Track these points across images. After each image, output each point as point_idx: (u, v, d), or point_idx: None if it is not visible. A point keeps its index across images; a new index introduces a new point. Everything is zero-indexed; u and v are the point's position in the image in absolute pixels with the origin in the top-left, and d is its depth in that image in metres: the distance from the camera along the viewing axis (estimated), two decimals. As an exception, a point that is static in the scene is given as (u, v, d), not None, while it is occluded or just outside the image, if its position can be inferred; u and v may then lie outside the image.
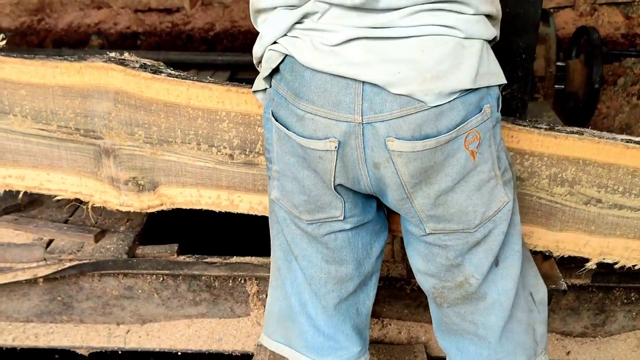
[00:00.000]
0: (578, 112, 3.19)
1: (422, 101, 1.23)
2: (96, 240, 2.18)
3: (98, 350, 2.23)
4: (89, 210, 2.08)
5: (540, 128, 1.79)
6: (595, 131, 1.81)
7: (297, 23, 1.31)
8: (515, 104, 1.95)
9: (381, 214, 1.57)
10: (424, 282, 1.54)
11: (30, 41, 4.33)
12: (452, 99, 1.25)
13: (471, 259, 1.44)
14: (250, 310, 2.23)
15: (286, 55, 1.33)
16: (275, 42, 1.35)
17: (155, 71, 1.86)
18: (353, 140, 1.29)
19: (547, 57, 3.05)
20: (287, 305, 1.62)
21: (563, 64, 3.18)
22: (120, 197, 2.02)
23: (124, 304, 2.22)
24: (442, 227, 1.40)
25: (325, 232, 1.48)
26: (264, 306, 2.18)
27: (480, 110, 1.29)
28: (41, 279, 2.15)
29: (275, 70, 1.38)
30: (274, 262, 1.63)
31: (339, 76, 1.25)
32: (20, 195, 2.12)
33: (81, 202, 2.12)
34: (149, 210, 2.04)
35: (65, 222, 2.26)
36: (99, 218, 2.28)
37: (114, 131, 1.94)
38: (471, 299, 1.49)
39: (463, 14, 1.25)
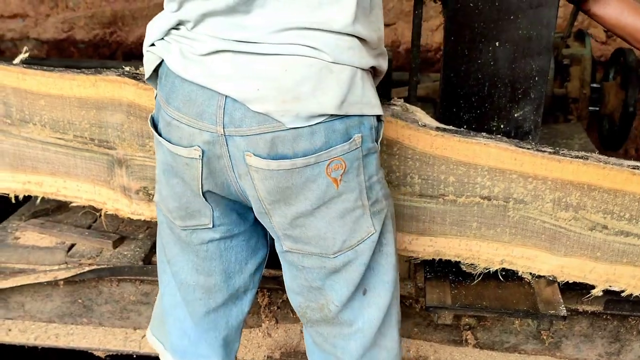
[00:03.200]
0: (613, 135, 3.12)
1: (279, 121, 1.21)
2: (114, 247, 2.25)
3: (114, 353, 2.29)
4: (103, 217, 2.16)
5: (544, 151, 1.76)
6: (601, 156, 1.77)
7: (173, 28, 1.30)
8: (527, 126, 1.93)
9: (259, 230, 1.56)
10: (292, 298, 1.53)
11: (102, 53, 4.43)
12: (313, 123, 1.22)
13: (332, 286, 1.41)
14: (262, 322, 2.24)
15: (163, 59, 1.33)
16: (153, 45, 1.35)
17: (167, 85, 1.91)
18: (218, 150, 1.28)
19: (582, 78, 2.99)
20: (162, 303, 1.66)
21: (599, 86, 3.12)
22: (131, 205, 2.08)
23: (141, 310, 2.27)
24: (298, 247, 1.38)
25: (198, 242, 1.48)
26: (275, 318, 2.22)
27: (349, 139, 1.26)
28: (62, 282, 2.23)
29: (156, 73, 1.39)
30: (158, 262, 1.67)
31: (205, 87, 1.24)
32: (38, 200, 2.21)
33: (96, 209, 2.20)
34: (159, 219, 2.09)
35: (89, 227, 2.34)
36: (121, 225, 2.36)
37: (127, 142, 2.01)
38: (333, 323, 1.48)
39: (329, 31, 1.20)
